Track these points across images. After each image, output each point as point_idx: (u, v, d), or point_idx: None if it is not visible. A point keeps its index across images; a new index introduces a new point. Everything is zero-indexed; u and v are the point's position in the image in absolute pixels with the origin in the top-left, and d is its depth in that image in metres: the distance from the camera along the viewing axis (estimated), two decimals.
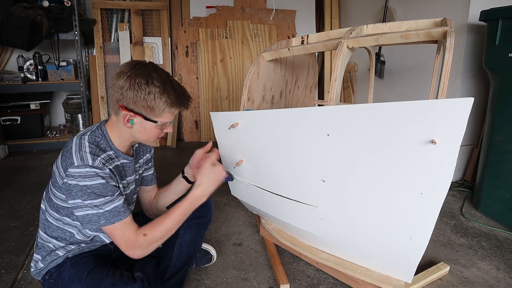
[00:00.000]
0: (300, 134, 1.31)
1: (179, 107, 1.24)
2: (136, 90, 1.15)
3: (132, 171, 1.40)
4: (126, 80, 1.15)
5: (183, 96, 1.24)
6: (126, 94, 1.16)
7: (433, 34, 1.22)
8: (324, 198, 1.38)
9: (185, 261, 1.51)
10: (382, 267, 1.44)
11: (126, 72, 1.16)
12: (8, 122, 3.56)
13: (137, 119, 1.20)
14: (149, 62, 1.23)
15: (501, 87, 2.13)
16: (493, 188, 2.25)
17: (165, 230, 1.26)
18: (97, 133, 1.26)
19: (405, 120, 1.05)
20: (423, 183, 1.11)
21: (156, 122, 1.22)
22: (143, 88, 1.15)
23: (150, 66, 1.20)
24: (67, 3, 3.36)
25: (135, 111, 1.18)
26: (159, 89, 1.16)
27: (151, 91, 1.15)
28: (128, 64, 1.19)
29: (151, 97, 1.16)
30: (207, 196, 1.36)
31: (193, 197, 1.33)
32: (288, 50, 1.67)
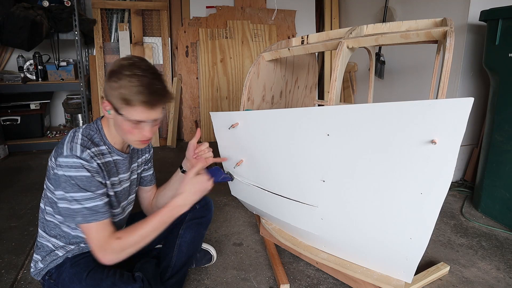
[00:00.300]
0: (300, 134, 1.31)
1: (149, 105, 1.15)
2: (114, 82, 1.13)
3: (126, 168, 1.37)
4: (110, 73, 1.16)
5: (158, 95, 1.16)
6: (107, 85, 1.16)
7: (433, 34, 1.22)
8: (324, 198, 1.38)
9: (185, 261, 1.51)
10: (382, 267, 1.44)
11: (114, 65, 1.17)
12: (8, 122, 3.56)
13: (112, 110, 1.18)
14: (138, 56, 1.21)
15: (501, 87, 2.13)
16: (493, 188, 2.25)
17: (141, 236, 1.21)
18: (92, 126, 1.27)
19: (405, 120, 1.05)
20: (423, 183, 1.11)
21: (122, 115, 1.15)
22: (120, 78, 1.12)
23: (139, 60, 1.18)
24: (67, 3, 3.36)
25: (109, 100, 1.17)
26: (134, 84, 1.12)
27: (126, 85, 1.12)
28: (117, 60, 1.19)
29: (124, 91, 1.12)
30: (188, 206, 1.30)
31: (174, 205, 1.27)
32: (288, 50, 1.67)
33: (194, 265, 1.74)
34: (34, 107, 3.67)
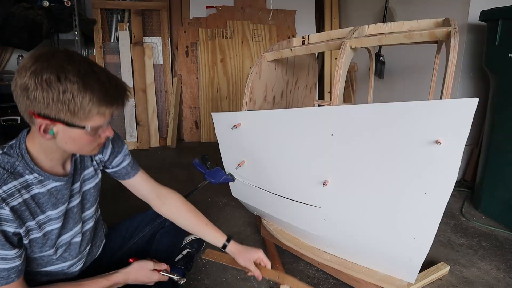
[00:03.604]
0: (304, 134, 1.31)
1: (111, 105, 0.93)
2: (45, 90, 0.85)
3: (66, 197, 1.08)
4: (30, 78, 0.85)
5: (115, 90, 0.93)
6: (33, 96, 0.86)
7: (436, 35, 1.23)
8: (328, 199, 1.38)
9: None
10: (385, 268, 1.44)
11: (29, 66, 0.86)
12: (8, 122, 3.55)
13: (57, 127, 0.91)
14: (63, 48, 0.92)
15: (501, 87, 2.13)
16: (493, 188, 2.25)
17: None
18: (13, 151, 0.96)
19: (410, 120, 1.05)
20: (428, 184, 1.11)
21: (84, 127, 0.92)
22: (54, 87, 0.85)
23: (61, 54, 0.89)
24: (67, 3, 3.35)
25: (51, 117, 0.88)
26: (78, 85, 0.86)
27: (66, 89, 0.85)
28: (31, 56, 0.88)
29: (67, 96, 0.86)
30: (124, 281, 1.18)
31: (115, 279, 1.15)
32: (290, 50, 1.67)
33: None
34: None
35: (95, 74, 0.90)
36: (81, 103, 0.88)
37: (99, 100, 0.90)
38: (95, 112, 0.91)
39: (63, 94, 0.86)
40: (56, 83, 0.85)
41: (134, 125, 3.87)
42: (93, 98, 0.89)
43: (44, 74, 0.84)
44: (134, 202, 2.43)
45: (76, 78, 0.86)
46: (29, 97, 0.86)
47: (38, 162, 0.99)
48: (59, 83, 0.85)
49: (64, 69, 0.86)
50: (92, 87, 0.88)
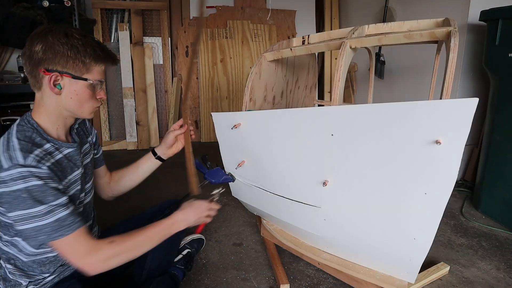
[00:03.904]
0: (304, 134, 1.31)
1: (105, 60, 1.11)
2: (56, 45, 1.01)
3: (79, 162, 1.20)
4: (41, 41, 1.01)
5: (107, 50, 1.12)
6: (45, 54, 1.01)
7: (437, 35, 1.23)
8: (328, 199, 1.38)
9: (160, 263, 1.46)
10: (385, 268, 1.44)
11: (38, 34, 1.03)
12: (8, 122, 3.54)
13: (64, 80, 1.05)
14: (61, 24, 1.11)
15: (501, 87, 2.13)
16: (493, 188, 2.25)
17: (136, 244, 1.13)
18: (25, 126, 1.06)
19: (410, 120, 1.05)
20: (428, 184, 1.11)
21: (86, 79, 1.07)
22: (63, 42, 1.02)
23: (64, 24, 1.08)
24: (67, 3, 3.35)
25: (59, 71, 1.03)
26: (81, 41, 1.04)
27: (73, 43, 1.03)
28: (39, 29, 1.05)
29: (74, 50, 1.03)
30: (187, 223, 1.28)
31: (175, 219, 1.25)
32: (290, 50, 1.67)
33: None
34: None
35: (90, 37, 1.09)
36: (84, 56, 1.05)
37: (97, 55, 1.08)
38: (94, 66, 1.08)
39: (70, 50, 1.03)
40: (65, 38, 1.02)
41: (134, 125, 3.87)
42: (93, 53, 1.06)
43: (54, 35, 1.02)
44: (133, 202, 2.45)
45: (79, 36, 1.05)
46: (41, 58, 1.02)
47: (47, 132, 1.10)
48: (67, 39, 1.03)
49: (69, 30, 1.05)
50: (92, 45, 1.07)
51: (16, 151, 0.98)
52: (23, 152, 0.98)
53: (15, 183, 0.95)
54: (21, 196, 0.95)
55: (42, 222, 0.98)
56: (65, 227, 1.01)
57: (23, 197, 0.96)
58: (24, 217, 0.97)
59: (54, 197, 1.00)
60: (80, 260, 1.04)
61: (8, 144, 1.00)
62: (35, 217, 0.97)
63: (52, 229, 0.99)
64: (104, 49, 1.10)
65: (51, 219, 0.99)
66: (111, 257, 1.08)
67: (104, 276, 1.20)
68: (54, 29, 1.04)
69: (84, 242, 1.04)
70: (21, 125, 1.07)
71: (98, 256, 1.05)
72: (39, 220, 0.98)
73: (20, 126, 1.06)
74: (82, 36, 1.06)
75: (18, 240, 1.09)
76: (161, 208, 1.59)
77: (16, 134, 1.03)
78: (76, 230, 1.03)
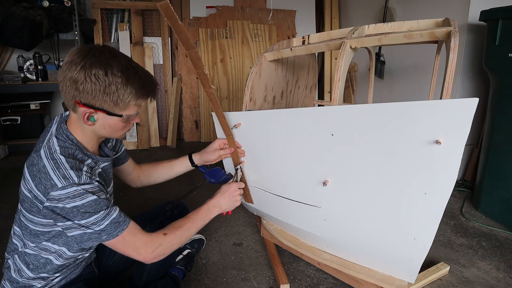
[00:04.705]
0: (304, 134, 1.31)
1: (146, 97, 1.11)
2: (94, 83, 0.99)
3: (111, 174, 1.30)
4: (80, 72, 0.98)
5: (150, 84, 1.10)
6: (82, 88, 1.00)
7: (437, 35, 1.22)
8: (328, 199, 1.38)
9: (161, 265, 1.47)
10: (385, 268, 1.44)
11: (79, 61, 0.99)
12: (8, 122, 3.55)
13: (98, 115, 1.06)
14: (103, 46, 1.06)
15: (501, 87, 2.13)
16: (493, 188, 2.25)
17: (185, 231, 1.23)
18: (66, 143, 1.08)
19: (410, 120, 1.05)
20: (428, 183, 1.11)
21: (121, 116, 1.08)
22: (102, 80, 0.99)
23: (106, 51, 1.03)
24: (67, 3, 3.36)
25: (95, 107, 1.03)
26: (121, 79, 1.02)
27: (111, 82, 1.00)
28: (79, 51, 1.01)
29: (112, 89, 1.01)
30: (219, 208, 1.36)
31: (209, 205, 1.33)
32: (290, 50, 1.67)
33: None
34: (34, 107, 3.67)
35: (133, 69, 1.05)
36: (122, 95, 1.03)
37: (137, 93, 1.06)
38: (133, 103, 1.07)
39: (109, 87, 1.00)
40: (104, 77, 0.99)
41: (134, 125, 3.87)
42: (133, 92, 1.04)
43: (93, 69, 0.98)
44: (133, 202, 2.45)
45: (120, 73, 1.01)
46: (78, 89, 1.00)
47: (86, 148, 1.13)
48: (106, 77, 0.99)
49: (110, 65, 1.00)
50: (133, 82, 1.04)
51: (69, 170, 1.01)
52: (75, 171, 1.02)
53: (72, 200, 1.01)
54: (79, 211, 1.02)
55: (102, 226, 1.05)
56: (121, 224, 1.09)
57: (81, 212, 1.02)
58: (82, 225, 1.04)
59: (106, 204, 1.07)
60: (139, 252, 1.12)
61: (56, 162, 1.02)
62: (94, 224, 1.04)
63: (112, 228, 1.07)
64: (144, 85, 1.08)
65: (107, 221, 1.06)
66: (166, 247, 1.17)
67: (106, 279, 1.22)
68: (95, 59, 0.99)
69: (140, 236, 1.13)
70: (61, 140, 1.08)
71: (155, 247, 1.14)
72: (99, 225, 1.05)
73: (61, 142, 1.08)
74: (124, 70, 1.02)
75: (50, 245, 1.14)
76: (162, 209, 1.60)
77: (60, 151, 1.05)
78: (129, 224, 1.11)
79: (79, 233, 1.06)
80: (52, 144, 1.06)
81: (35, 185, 1.02)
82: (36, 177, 1.02)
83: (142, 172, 1.57)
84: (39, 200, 1.03)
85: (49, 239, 1.13)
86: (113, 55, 1.03)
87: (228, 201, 1.39)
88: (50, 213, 1.04)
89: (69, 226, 1.05)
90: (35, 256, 1.15)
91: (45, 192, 1.01)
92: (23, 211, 1.10)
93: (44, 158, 1.03)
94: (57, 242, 1.14)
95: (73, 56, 1.00)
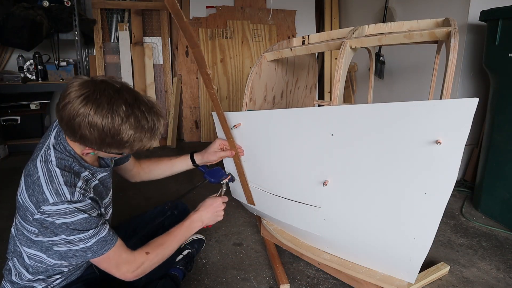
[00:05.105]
0: (304, 134, 1.31)
1: (152, 141, 1.10)
2: (95, 135, 0.98)
3: (110, 184, 1.28)
4: (82, 121, 0.95)
5: (157, 129, 1.07)
6: (81, 134, 0.98)
7: (436, 35, 1.22)
8: (328, 199, 1.38)
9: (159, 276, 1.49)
10: (385, 268, 1.44)
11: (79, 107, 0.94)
12: (8, 122, 3.55)
13: (98, 151, 1.08)
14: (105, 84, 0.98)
15: (501, 87, 2.13)
16: (493, 188, 2.25)
17: (167, 249, 1.23)
18: (63, 154, 1.06)
19: (410, 120, 1.05)
20: (428, 183, 1.11)
21: (122, 154, 1.12)
22: (105, 131, 0.97)
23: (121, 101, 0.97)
24: (67, 3, 3.36)
25: (100, 150, 1.05)
26: (133, 136, 1.01)
27: (114, 133, 0.99)
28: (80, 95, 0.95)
29: (123, 142, 1.01)
30: (202, 222, 1.35)
31: (191, 219, 1.32)
32: (290, 50, 1.67)
33: None
34: (34, 107, 3.67)
35: (144, 117, 1.01)
36: (132, 145, 1.04)
37: (145, 141, 1.06)
38: (136, 146, 1.06)
39: (119, 142, 1.00)
40: (107, 128, 0.97)
41: None
42: (142, 141, 1.05)
43: (95, 119, 0.95)
44: (133, 202, 2.45)
45: (131, 131, 1.00)
46: (75, 134, 0.98)
47: (84, 159, 1.12)
48: (108, 129, 0.97)
49: (121, 127, 0.97)
50: (143, 133, 1.03)
51: (62, 185, 1.00)
52: (68, 187, 1.00)
53: (62, 217, 0.99)
54: (68, 228, 1.00)
55: (89, 244, 1.04)
56: (108, 243, 1.08)
57: (70, 228, 1.00)
58: (69, 241, 1.03)
59: (96, 223, 1.06)
60: (121, 271, 1.12)
61: (51, 174, 1.01)
62: (81, 241, 1.03)
63: (98, 247, 1.06)
64: (154, 131, 1.05)
65: (95, 239, 1.05)
66: (147, 266, 1.17)
67: (106, 279, 1.23)
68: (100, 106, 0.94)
69: (125, 255, 1.12)
70: (58, 151, 1.06)
71: (137, 266, 1.14)
72: (86, 243, 1.04)
73: (58, 153, 1.06)
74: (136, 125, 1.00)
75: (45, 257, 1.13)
76: (162, 209, 1.60)
77: (56, 162, 1.03)
78: (116, 243, 1.10)
79: (65, 249, 1.05)
80: (49, 155, 1.05)
81: (28, 196, 1.01)
82: (30, 188, 1.01)
83: (142, 169, 1.57)
84: (30, 212, 1.02)
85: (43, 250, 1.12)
86: (116, 97, 0.97)
87: (211, 216, 1.37)
88: (39, 226, 1.02)
89: (55, 241, 1.04)
90: (34, 261, 1.15)
91: (36, 205, 1.00)
92: (19, 217, 1.10)
93: (39, 169, 1.02)
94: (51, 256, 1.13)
95: (73, 98, 0.95)
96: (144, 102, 1.03)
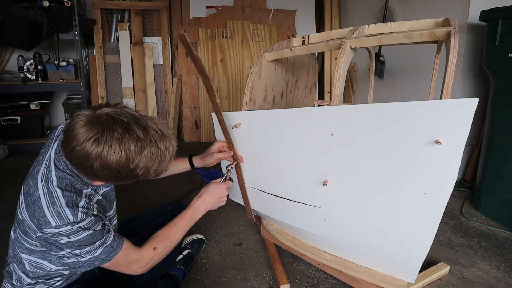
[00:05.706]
0: (304, 134, 1.31)
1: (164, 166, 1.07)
2: (117, 176, 0.97)
3: (113, 197, 1.28)
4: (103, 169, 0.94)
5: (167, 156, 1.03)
6: (104, 175, 0.96)
7: (436, 35, 1.22)
8: (327, 199, 1.38)
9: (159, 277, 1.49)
10: (385, 268, 1.44)
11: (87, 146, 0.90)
12: (8, 122, 3.55)
13: None
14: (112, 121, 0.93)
15: (501, 87, 2.13)
16: (493, 188, 2.25)
17: (171, 239, 1.25)
18: (65, 172, 1.04)
19: (410, 120, 1.05)
20: (428, 184, 1.11)
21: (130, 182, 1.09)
22: (125, 173, 0.97)
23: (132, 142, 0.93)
24: (67, 3, 3.35)
25: (110, 183, 1.11)
26: (144, 172, 0.99)
27: (137, 173, 0.98)
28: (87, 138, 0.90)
29: (134, 176, 1.00)
30: (205, 206, 1.36)
31: (194, 205, 1.33)
32: (290, 50, 1.67)
33: None
34: (34, 107, 3.67)
35: (157, 147, 0.98)
36: (146, 175, 1.02)
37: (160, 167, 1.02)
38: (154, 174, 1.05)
39: (134, 175, 0.99)
40: (130, 174, 0.97)
41: None
42: (157, 170, 1.02)
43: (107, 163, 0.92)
44: (133, 202, 2.45)
45: (145, 164, 0.97)
46: (98, 177, 0.97)
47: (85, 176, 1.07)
48: (132, 173, 0.97)
49: (135, 163, 0.95)
50: (156, 162, 1.00)
51: (64, 207, 0.98)
52: (70, 208, 0.98)
53: (66, 237, 0.99)
54: (73, 245, 1.00)
55: (96, 253, 1.05)
56: (115, 248, 1.09)
57: (75, 245, 1.01)
58: (76, 254, 1.03)
59: (102, 234, 1.06)
60: (131, 269, 1.16)
61: (52, 195, 0.99)
62: (88, 252, 1.04)
63: (106, 255, 1.07)
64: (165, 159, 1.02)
65: (102, 249, 1.06)
66: (156, 260, 1.21)
67: (106, 279, 1.23)
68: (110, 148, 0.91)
69: (133, 255, 1.15)
70: (59, 169, 1.04)
71: (146, 262, 1.18)
72: (93, 253, 1.05)
73: (59, 171, 1.03)
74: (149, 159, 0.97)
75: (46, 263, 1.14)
76: (162, 209, 1.60)
77: (57, 182, 1.01)
78: (123, 246, 1.12)
79: (72, 261, 1.05)
80: (50, 173, 1.02)
81: (29, 216, 0.99)
82: (30, 208, 0.99)
83: None
84: (32, 230, 1.00)
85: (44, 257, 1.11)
86: (126, 136, 0.93)
87: (215, 201, 1.39)
88: (43, 243, 1.02)
89: (62, 255, 1.03)
90: (35, 267, 1.14)
91: (38, 226, 0.98)
92: (19, 230, 1.08)
93: (40, 188, 1.00)
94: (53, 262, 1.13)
95: (81, 141, 0.90)
96: (154, 130, 0.98)
